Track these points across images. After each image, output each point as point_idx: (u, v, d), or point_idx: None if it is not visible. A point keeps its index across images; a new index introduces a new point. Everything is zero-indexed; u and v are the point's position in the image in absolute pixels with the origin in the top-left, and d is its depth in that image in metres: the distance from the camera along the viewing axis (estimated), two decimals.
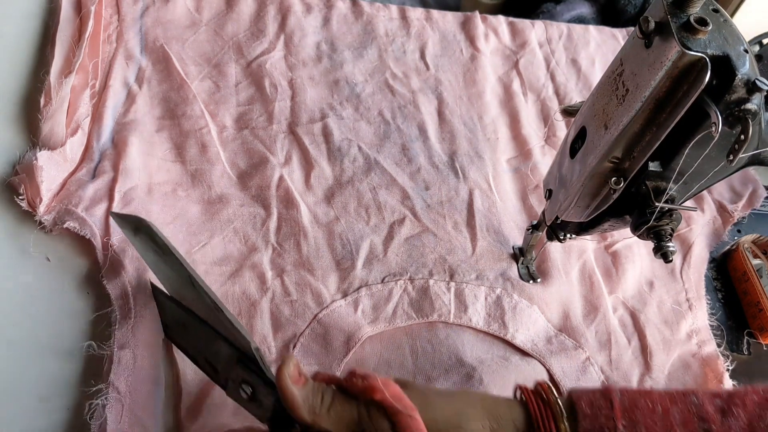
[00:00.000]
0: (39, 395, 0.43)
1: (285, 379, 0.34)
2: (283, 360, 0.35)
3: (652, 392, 0.36)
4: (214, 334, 0.41)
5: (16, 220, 0.48)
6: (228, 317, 0.40)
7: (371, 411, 0.34)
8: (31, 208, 0.48)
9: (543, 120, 0.71)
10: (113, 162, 0.54)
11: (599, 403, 0.35)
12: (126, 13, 0.64)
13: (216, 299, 0.40)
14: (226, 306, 0.40)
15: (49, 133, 0.52)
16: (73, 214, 0.48)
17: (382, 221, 0.58)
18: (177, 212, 0.53)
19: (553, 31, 0.79)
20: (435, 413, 0.34)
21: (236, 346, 0.40)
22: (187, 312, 0.44)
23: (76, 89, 0.55)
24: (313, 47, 0.69)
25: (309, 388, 0.35)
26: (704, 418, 0.34)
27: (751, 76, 0.33)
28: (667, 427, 0.33)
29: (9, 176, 0.49)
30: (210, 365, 0.43)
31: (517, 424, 0.35)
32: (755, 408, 0.34)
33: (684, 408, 0.34)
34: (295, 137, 0.61)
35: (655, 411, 0.34)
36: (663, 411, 0.34)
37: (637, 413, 0.34)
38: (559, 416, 0.35)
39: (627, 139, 0.38)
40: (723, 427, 0.33)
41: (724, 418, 0.33)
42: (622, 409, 0.34)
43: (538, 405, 0.36)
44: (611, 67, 0.41)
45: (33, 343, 0.45)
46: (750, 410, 0.34)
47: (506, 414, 0.35)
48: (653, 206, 0.40)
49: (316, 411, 0.34)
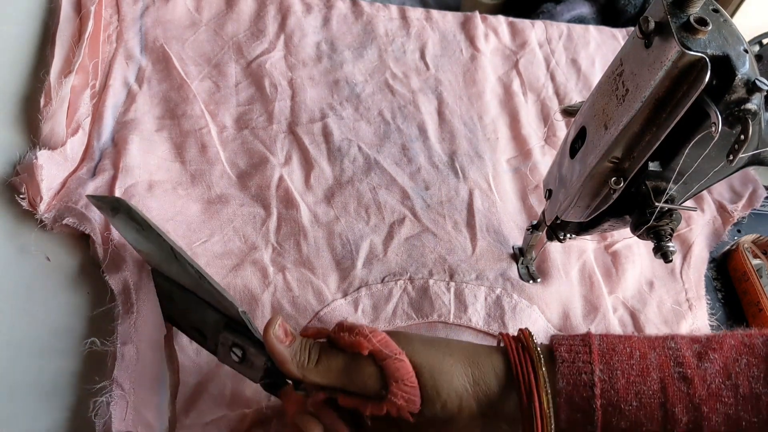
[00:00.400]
0: (40, 393, 0.43)
1: (272, 339, 0.36)
2: (270, 321, 0.37)
3: (632, 338, 0.36)
4: (201, 302, 0.43)
5: (16, 219, 0.48)
6: (213, 284, 0.40)
7: (358, 359, 0.36)
8: (32, 207, 0.48)
9: (543, 120, 0.71)
10: (113, 160, 0.54)
11: (578, 348, 0.35)
12: (126, 13, 0.64)
13: (199, 268, 0.41)
14: (209, 275, 0.41)
15: (50, 133, 0.52)
16: (73, 211, 0.48)
17: (382, 221, 0.58)
18: (177, 209, 0.53)
19: (553, 31, 0.79)
20: (420, 358, 0.36)
21: (223, 312, 0.41)
22: (171, 283, 0.44)
23: (76, 89, 0.55)
24: (313, 47, 0.69)
25: (297, 345, 0.37)
26: (680, 362, 0.34)
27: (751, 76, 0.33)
28: (643, 371, 0.34)
29: (10, 176, 0.49)
30: (198, 332, 0.44)
31: (497, 370, 0.36)
32: (731, 351, 0.34)
33: (661, 353, 0.35)
34: (295, 137, 0.61)
35: (633, 356, 0.35)
36: (641, 356, 0.35)
37: (614, 358, 0.35)
38: (537, 362, 0.35)
39: (627, 139, 0.38)
40: (698, 371, 0.33)
41: (700, 361, 0.34)
42: (600, 354, 0.35)
43: (517, 351, 0.36)
44: (611, 67, 0.41)
45: (33, 342, 0.45)
46: (726, 354, 0.34)
47: (487, 361, 0.36)
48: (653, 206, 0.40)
49: (304, 366, 0.36)
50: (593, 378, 0.34)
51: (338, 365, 0.36)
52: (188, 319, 0.45)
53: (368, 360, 0.35)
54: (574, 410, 0.34)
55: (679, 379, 0.33)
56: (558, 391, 0.34)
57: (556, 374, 0.35)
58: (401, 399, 0.35)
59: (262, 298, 0.50)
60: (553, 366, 0.35)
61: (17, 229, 0.48)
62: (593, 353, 0.35)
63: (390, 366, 0.35)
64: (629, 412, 0.33)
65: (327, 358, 0.36)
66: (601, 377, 0.34)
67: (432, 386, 0.35)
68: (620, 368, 0.34)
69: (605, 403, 0.34)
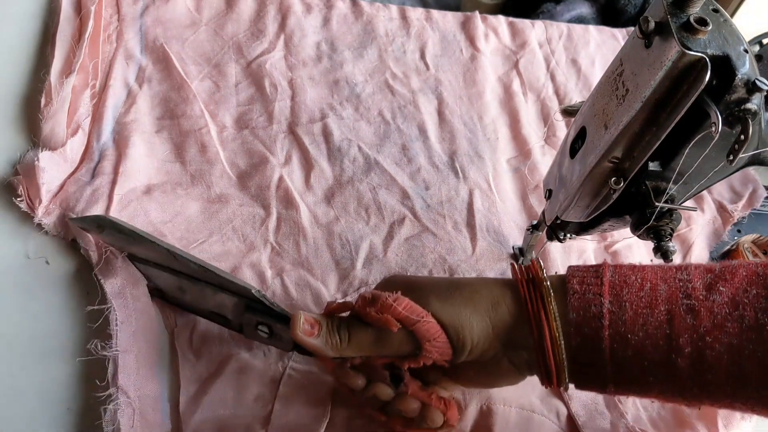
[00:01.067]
0: (39, 397, 0.43)
1: (301, 337, 0.37)
2: (293, 321, 0.38)
3: (645, 268, 0.37)
4: (214, 289, 0.43)
5: (15, 221, 0.48)
6: (220, 274, 0.41)
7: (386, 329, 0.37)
8: (30, 210, 0.48)
9: (543, 120, 0.71)
10: (113, 162, 0.54)
11: (589, 280, 0.37)
12: (126, 12, 0.64)
13: (202, 263, 0.41)
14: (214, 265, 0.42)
15: (50, 134, 0.52)
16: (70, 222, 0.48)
17: (381, 221, 0.58)
18: (176, 210, 0.53)
19: (553, 31, 0.79)
20: (442, 316, 0.37)
21: (239, 294, 0.42)
22: (179, 275, 0.44)
23: (76, 89, 0.55)
24: (313, 47, 0.69)
25: (325, 331, 0.38)
26: (689, 293, 0.35)
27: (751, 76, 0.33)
28: (652, 303, 0.35)
29: (9, 176, 0.49)
30: (219, 316, 0.45)
31: (511, 308, 0.38)
32: (742, 282, 0.34)
33: (672, 284, 0.35)
34: (295, 137, 0.61)
35: (643, 288, 0.35)
36: (651, 287, 0.35)
37: (624, 290, 0.36)
38: (547, 296, 0.37)
39: (627, 139, 0.38)
40: (705, 303, 0.34)
41: (709, 293, 0.34)
42: (611, 286, 0.36)
43: (528, 286, 0.38)
44: (611, 67, 0.41)
45: (33, 345, 0.44)
46: (736, 285, 0.34)
47: (501, 300, 0.38)
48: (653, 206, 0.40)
49: (338, 347, 0.38)
50: (602, 310, 0.35)
51: (369, 338, 0.38)
52: (205, 306, 0.45)
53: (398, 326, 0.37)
54: (584, 339, 0.36)
55: (686, 310, 0.34)
56: (568, 321, 0.36)
57: (567, 306, 0.36)
58: (435, 354, 0.38)
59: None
60: (565, 297, 0.37)
61: (17, 231, 0.48)
62: (604, 285, 0.36)
63: (420, 330, 0.37)
64: (636, 341, 0.34)
65: (356, 334, 0.38)
66: (610, 309, 0.35)
67: (458, 338, 0.37)
68: (629, 300, 0.35)
69: (613, 333, 0.35)
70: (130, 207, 0.52)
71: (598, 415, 0.49)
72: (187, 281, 0.44)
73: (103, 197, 0.51)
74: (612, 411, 0.50)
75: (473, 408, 0.46)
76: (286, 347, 0.43)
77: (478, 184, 0.62)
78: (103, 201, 0.51)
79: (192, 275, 0.44)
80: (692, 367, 0.34)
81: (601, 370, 0.36)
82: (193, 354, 0.46)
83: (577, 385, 0.38)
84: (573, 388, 0.49)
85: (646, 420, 0.50)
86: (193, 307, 0.47)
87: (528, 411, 0.47)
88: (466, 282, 0.41)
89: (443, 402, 0.41)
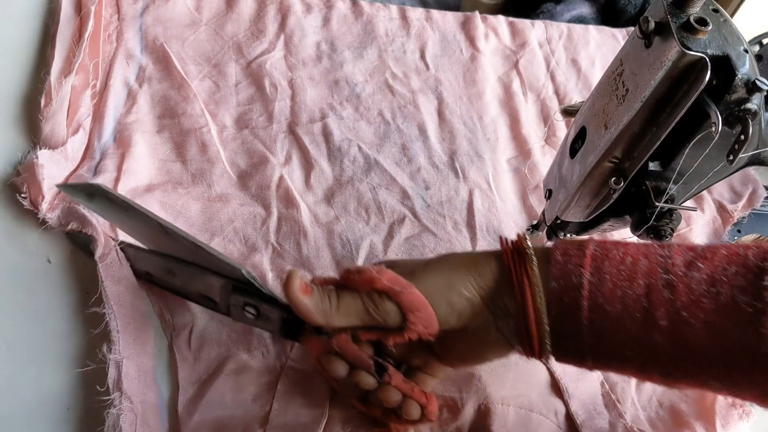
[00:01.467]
0: (39, 398, 0.43)
1: (294, 293, 0.38)
2: (288, 277, 0.38)
3: (628, 244, 0.37)
4: (202, 271, 0.43)
5: (17, 220, 0.48)
6: (210, 251, 0.41)
7: (374, 297, 0.38)
8: (34, 207, 0.48)
9: (543, 120, 0.71)
10: (115, 161, 0.54)
11: (572, 252, 0.37)
12: (126, 12, 0.64)
13: (193, 239, 0.41)
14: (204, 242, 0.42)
15: (50, 134, 0.52)
16: (76, 213, 0.48)
17: (381, 221, 0.58)
18: (177, 211, 0.53)
19: (553, 31, 0.79)
20: (427, 285, 0.38)
21: (227, 276, 0.42)
22: (168, 258, 0.44)
23: (76, 89, 0.55)
24: (313, 47, 0.69)
25: (316, 295, 0.38)
26: (668, 269, 0.35)
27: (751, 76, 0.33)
28: (631, 276, 0.35)
29: (11, 177, 0.49)
30: (207, 298, 0.45)
31: (495, 274, 0.39)
32: (722, 260, 0.35)
33: (653, 260, 0.36)
34: (295, 137, 0.61)
35: (624, 261, 0.36)
36: (632, 262, 0.36)
37: (605, 263, 0.36)
38: (530, 262, 0.37)
39: (627, 139, 0.38)
40: (684, 279, 0.34)
41: (688, 270, 0.35)
42: (593, 258, 0.36)
43: (512, 253, 0.39)
44: (611, 67, 0.41)
45: (34, 345, 0.44)
46: (716, 263, 0.35)
47: (486, 268, 0.39)
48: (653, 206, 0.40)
49: (327, 313, 0.38)
50: (582, 281, 0.36)
51: (357, 306, 0.38)
52: (194, 288, 0.45)
53: (384, 297, 0.38)
54: (563, 308, 0.36)
55: (665, 285, 0.34)
56: (550, 290, 0.37)
57: (549, 275, 0.37)
58: (420, 326, 0.38)
59: None
60: (548, 267, 0.37)
61: (18, 230, 0.48)
62: (586, 258, 0.36)
63: (404, 300, 0.37)
64: (613, 313, 0.35)
65: (345, 300, 0.39)
66: (590, 280, 0.36)
67: (445, 306, 0.38)
68: (609, 272, 0.36)
69: (591, 304, 0.35)
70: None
71: (597, 414, 0.49)
72: (176, 263, 0.44)
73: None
74: (610, 411, 0.50)
75: (471, 407, 0.46)
76: (273, 329, 0.43)
77: (478, 184, 0.62)
78: None
79: (181, 256, 0.44)
80: (668, 341, 0.34)
81: (579, 341, 0.36)
82: (191, 355, 0.46)
83: (557, 356, 0.39)
84: (574, 389, 0.50)
85: (644, 420, 0.50)
86: (181, 291, 0.47)
87: (526, 410, 0.47)
88: (452, 253, 0.42)
89: (424, 396, 0.42)
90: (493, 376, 0.48)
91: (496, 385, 0.47)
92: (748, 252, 0.35)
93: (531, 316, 0.37)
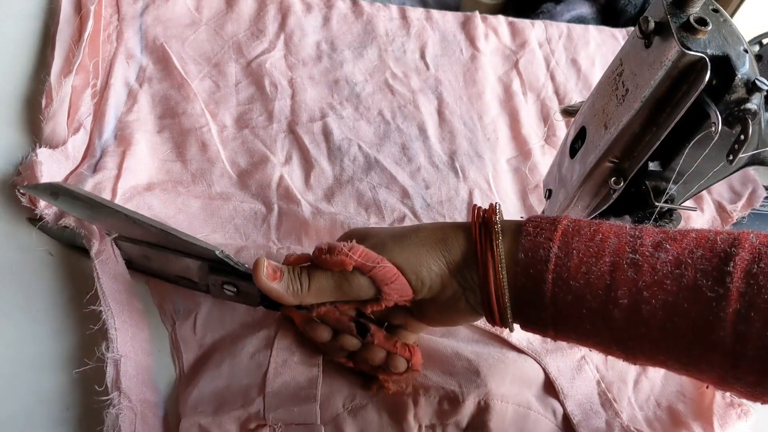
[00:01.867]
0: (39, 396, 0.43)
1: (263, 281, 0.39)
2: (255, 266, 0.39)
3: (602, 223, 0.37)
4: (177, 254, 0.44)
5: (18, 216, 0.48)
6: (182, 237, 0.42)
7: (346, 274, 0.39)
8: (32, 204, 0.48)
9: (543, 120, 0.71)
10: (115, 159, 0.54)
11: (544, 225, 0.38)
12: (126, 11, 0.64)
13: (163, 226, 0.42)
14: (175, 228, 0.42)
15: (51, 134, 0.52)
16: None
17: (382, 220, 0.58)
18: (178, 207, 0.54)
19: (553, 31, 0.79)
20: (398, 259, 0.39)
21: (203, 257, 0.43)
22: (141, 244, 0.45)
23: (77, 89, 0.55)
24: (313, 47, 0.69)
25: (286, 277, 0.39)
26: (636, 249, 0.35)
27: (751, 76, 0.34)
28: (598, 253, 0.35)
29: (12, 177, 0.49)
30: (185, 279, 0.46)
31: (463, 248, 0.39)
32: (690, 243, 0.35)
33: (623, 239, 0.36)
34: (295, 136, 0.61)
35: (593, 239, 0.36)
36: (601, 239, 0.36)
37: (575, 239, 0.36)
38: (495, 237, 0.38)
39: (627, 139, 0.38)
40: (649, 259, 0.34)
41: (655, 250, 0.35)
42: (563, 233, 0.37)
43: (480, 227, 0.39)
44: (611, 67, 0.41)
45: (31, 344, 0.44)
46: (683, 245, 0.35)
47: (454, 242, 0.39)
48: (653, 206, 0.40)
49: (299, 293, 0.39)
50: (549, 254, 0.36)
51: (329, 284, 0.39)
52: (171, 271, 0.46)
53: (355, 272, 0.39)
54: (528, 280, 0.37)
55: (630, 264, 0.35)
56: (517, 261, 0.37)
57: (519, 246, 0.37)
58: (395, 296, 0.39)
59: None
60: (519, 238, 0.38)
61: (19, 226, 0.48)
62: (556, 232, 0.37)
63: (377, 274, 0.38)
64: (576, 288, 0.35)
65: (317, 280, 0.39)
66: (558, 254, 0.36)
67: (415, 278, 0.39)
68: (577, 248, 0.36)
69: (556, 277, 0.36)
70: (133, 201, 0.52)
71: (593, 414, 0.49)
72: (150, 249, 0.45)
73: (106, 190, 0.51)
74: (607, 410, 0.50)
75: (471, 402, 0.46)
76: (253, 302, 0.44)
77: (478, 184, 0.62)
78: (107, 194, 0.51)
79: (154, 242, 0.44)
80: (627, 319, 0.34)
81: (541, 312, 0.37)
82: (196, 342, 0.46)
83: (522, 324, 0.40)
84: (569, 389, 0.50)
85: (641, 419, 0.50)
86: (159, 274, 0.47)
87: (524, 408, 0.47)
88: (422, 226, 0.43)
89: (408, 349, 0.43)
90: (493, 372, 0.48)
91: (496, 382, 0.47)
92: (717, 237, 0.35)
93: (492, 291, 0.38)
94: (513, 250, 0.38)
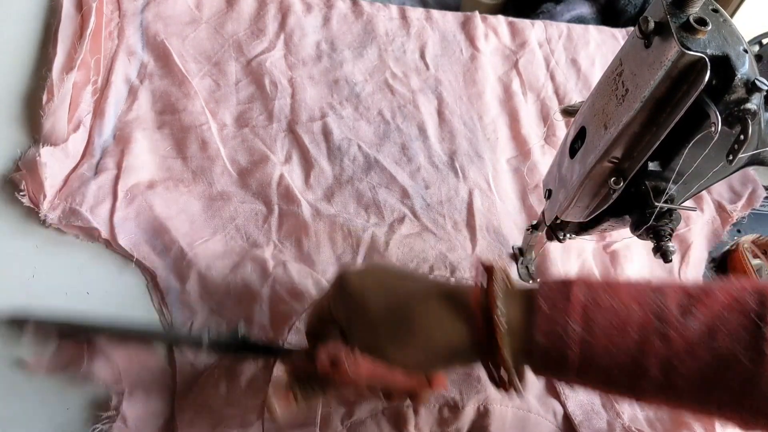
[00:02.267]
0: (39, 396, 0.43)
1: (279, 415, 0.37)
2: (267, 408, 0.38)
3: (619, 287, 0.35)
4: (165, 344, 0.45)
5: (19, 215, 0.48)
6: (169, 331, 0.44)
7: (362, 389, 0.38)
8: (34, 205, 0.48)
9: (543, 120, 0.71)
10: (116, 159, 0.54)
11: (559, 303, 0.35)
12: (127, 8, 0.64)
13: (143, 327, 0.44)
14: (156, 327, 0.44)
15: (51, 130, 0.52)
16: (78, 215, 0.48)
17: (381, 220, 0.58)
18: (180, 208, 0.54)
19: (552, 31, 0.79)
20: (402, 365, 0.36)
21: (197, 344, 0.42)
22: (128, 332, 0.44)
23: (78, 86, 0.55)
24: (313, 46, 0.69)
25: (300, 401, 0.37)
26: (662, 318, 0.33)
27: (751, 76, 0.33)
28: (623, 325, 0.33)
29: (11, 173, 0.49)
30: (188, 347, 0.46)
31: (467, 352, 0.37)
32: (719, 307, 0.33)
33: (646, 307, 0.34)
34: (294, 136, 0.61)
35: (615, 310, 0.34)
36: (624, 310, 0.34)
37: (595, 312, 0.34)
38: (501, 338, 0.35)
39: (627, 139, 0.38)
40: (679, 329, 0.33)
41: (684, 318, 0.33)
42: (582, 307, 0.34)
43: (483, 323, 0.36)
44: (611, 67, 0.41)
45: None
46: (714, 311, 0.33)
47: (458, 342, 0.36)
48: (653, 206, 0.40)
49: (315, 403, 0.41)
50: (569, 332, 0.34)
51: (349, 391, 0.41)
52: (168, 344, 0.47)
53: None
54: (550, 359, 0.35)
55: (659, 336, 0.33)
56: (535, 342, 0.35)
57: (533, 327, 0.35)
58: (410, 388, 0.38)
59: (261, 293, 0.50)
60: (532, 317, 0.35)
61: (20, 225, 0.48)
62: (574, 306, 0.34)
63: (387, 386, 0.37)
64: (602, 363, 0.34)
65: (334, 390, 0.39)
66: (581, 336, 0.34)
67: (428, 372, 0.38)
68: (598, 323, 0.34)
69: (580, 356, 0.34)
70: (135, 202, 0.52)
71: (595, 414, 0.49)
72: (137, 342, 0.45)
73: (108, 193, 0.51)
74: (608, 411, 0.50)
75: (471, 408, 0.46)
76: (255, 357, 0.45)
77: (478, 184, 0.62)
78: (109, 198, 0.51)
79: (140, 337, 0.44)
80: (658, 387, 0.34)
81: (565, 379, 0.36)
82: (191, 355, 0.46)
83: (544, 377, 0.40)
84: (568, 389, 0.50)
85: (642, 420, 0.50)
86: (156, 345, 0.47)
87: (524, 411, 0.47)
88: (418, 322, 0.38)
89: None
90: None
91: None
92: (746, 296, 0.34)
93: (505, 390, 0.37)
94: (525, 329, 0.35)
